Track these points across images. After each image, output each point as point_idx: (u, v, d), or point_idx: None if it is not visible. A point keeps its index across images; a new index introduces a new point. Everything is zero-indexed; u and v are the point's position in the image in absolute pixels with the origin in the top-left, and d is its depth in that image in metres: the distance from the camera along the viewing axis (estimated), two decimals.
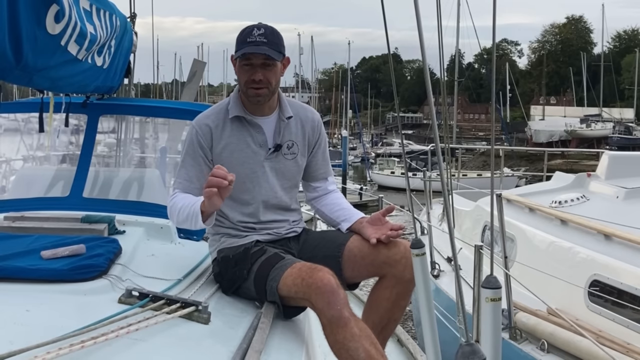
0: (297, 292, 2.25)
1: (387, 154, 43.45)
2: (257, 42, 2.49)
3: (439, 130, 2.11)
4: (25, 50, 2.21)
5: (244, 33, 2.53)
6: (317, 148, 2.78)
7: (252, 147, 2.61)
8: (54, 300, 2.03)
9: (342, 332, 2.12)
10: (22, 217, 2.98)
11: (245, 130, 2.61)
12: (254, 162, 2.61)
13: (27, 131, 6.05)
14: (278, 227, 2.68)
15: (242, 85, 2.57)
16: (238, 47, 2.53)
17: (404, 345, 3.91)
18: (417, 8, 1.63)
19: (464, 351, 1.60)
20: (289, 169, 2.70)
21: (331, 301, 2.14)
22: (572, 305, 4.43)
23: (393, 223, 2.58)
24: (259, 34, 2.50)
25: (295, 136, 2.69)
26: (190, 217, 2.43)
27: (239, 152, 2.59)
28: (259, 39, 2.49)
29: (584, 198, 5.86)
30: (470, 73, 74.18)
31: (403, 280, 2.45)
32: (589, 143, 44.05)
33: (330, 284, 2.17)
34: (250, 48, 2.49)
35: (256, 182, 2.62)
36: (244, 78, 2.55)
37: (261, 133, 2.62)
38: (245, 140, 2.60)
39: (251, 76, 2.53)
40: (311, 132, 2.75)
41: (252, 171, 2.61)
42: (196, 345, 1.96)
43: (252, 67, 2.52)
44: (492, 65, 2.12)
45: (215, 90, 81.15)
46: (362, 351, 2.11)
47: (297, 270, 2.30)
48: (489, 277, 1.77)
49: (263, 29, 2.52)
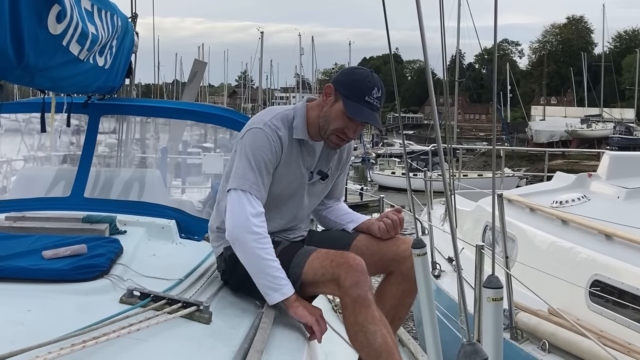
0: (325, 274, 2.26)
1: (387, 154, 43.36)
2: (374, 107, 2.40)
3: (440, 131, 2.11)
4: (27, 50, 2.21)
5: (364, 86, 2.40)
6: (342, 170, 2.79)
7: (301, 169, 2.55)
8: (55, 300, 2.03)
9: (364, 312, 2.17)
10: (24, 217, 2.98)
11: (300, 152, 2.54)
12: (299, 184, 2.57)
13: (28, 131, 6.06)
14: (293, 236, 2.67)
15: (329, 127, 2.45)
16: (354, 98, 2.39)
17: (405, 345, 3.91)
18: (419, 9, 1.63)
19: (466, 351, 1.60)
20: (321, 190, 2.70)
21: (361, 280, 2.19)
22: (573, 305, 4.43)
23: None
24: (377, 97, 2.40)
25: (333, 162, 2.68)
26: (272, 280, 2.29)
27: (291, 171, 2.52)
28: (376, 103, 2.40)
29: (585, 198, 5.86)
30: (471, 73, 74.08)
31: (410, 277, 2.44)
32: (590, 143, 44.03)
33: (362, 264, 2.23)
34: (369, 115, 2.39)
35: (293, 201, 2.60)
36: (338, 125, 2.43)
37: (312, 157, 2.58)
38: (298, 161, 2.53)
39: (346, 129, 2.44)
40: (345, 157, 2.75)
41: (294, 191, 2.57)
42: (197, 345, 1.96)
43: (353, 123, 2.43)
44: (494, 65, 2.12)
45: (216, 91, 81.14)
46: (380, 336, 2.16)
47: (324, 254, 2.32)
48: (490, 276, 1.77)
49: (381, 91, 2.42)
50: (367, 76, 2.43)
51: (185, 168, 7.94)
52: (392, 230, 2.56)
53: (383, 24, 1.92)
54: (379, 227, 2.57)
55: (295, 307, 2.28)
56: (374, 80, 2.43)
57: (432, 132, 44.09)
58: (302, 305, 2.29)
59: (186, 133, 8.01)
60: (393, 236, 2.58)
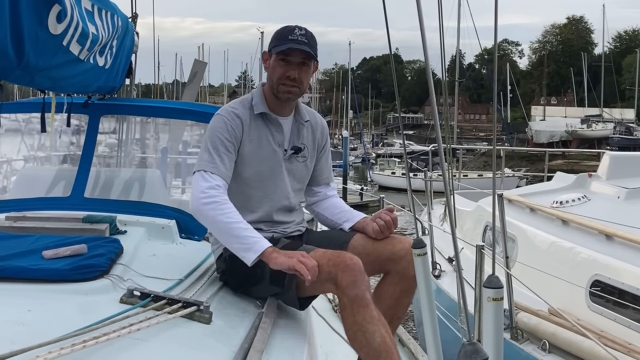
0: (322, 274, 2.26)
1: (387, 154, 43.42)
2: (299, 40, 2.50)
3: (441, 131, 2.11)
4: (27, 50, 2.21)
5: (285, 30, 2.54)
6: (322, 153, 2.82)
7: (272, 146, 2.61)
8: (55, 300, 2.03)
9: (362, 312, 2.16)
10: (24, 217, 2.98)
11: (267, 128, 2.61)
12: (274, 161, 2.62)
13: (28, 131, 6.06)
14: (284, 227, 2.69)
15: (275, 81, 2.56)
16: (278, 42, 2.53)
17: (405, 345, 3.92)
18: (420, 9, 1.63)
19: (467, 350, 1.60)
20: (300, 171, 2.72)
21: (357, 280, 2.19)
22: (573, 305, 4.43)
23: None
24: (301, 33, 2.52)
25: (307, 140, 2.72)
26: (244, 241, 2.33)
27: (261, 149, 2.59)
28: (300, 38, 2.51)
29: (585, 198, 5.86)
30: (471, 73, 74.08)
31: (407, 276, 2.45)
32: (590, 143, 44.04)
33: (359, 264, 2.23)
34: (293, 44, 2.50)
35: (273, 181, 2.63)
36: (279, 73, 2.54)
37: (280, 132, 2.63)
38: (267, 138, 2.61)
39: (286, 72, 2.53)
40: (320, 137, 2.80)
41: (270, 170, 2.61)
42: (198, 345, 1.96)
43: (289, 64, 2.53)
44: (494, 65, 2.12)
45: (216, 91, 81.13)
46: (378, 335, 2.15)
47: (321, 253, 2.32)
48: (490, 276, 1.77)
49: (304, 30, 2.55)
50: (288, 25, 2.57)
51: (185, 168, 7.93)
52: (385, 231, 2.57)
53: (383, 24, 1.92)
54: (373, 228, 2.58)
55: (274, 259, 2.29)
56: (296, 25, 2.55)
57: (432, 132, 44.11)
58: (280, 254, 2.30)
59: (186, 133, 7.99)
60: (387, 236, 2.58)
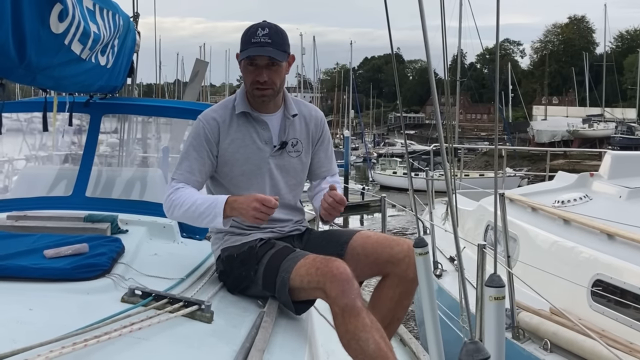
0: (311, 282, 2.25)
1: (389, 154, 43.35)
2: (262, 42, 2.47)
3: (442, 131, 2.11)
4: (29, 49, 2.21)
5: (249, 33, 2.50)
6: (319, 145, 2.78)
7: (257, 144, 2.61)
8: (56, 299, 2.03)
9: (354, 321, 2.14)
10: (25, 216, 2.98)
11: (251, 126, 2.61)
12: (259, 158, 2.61)
13: (30, 131, 6.06)
14: (282, 226, 2.68)
15: (248, 86, 2.57)
16: (243, 47, 2.51)
17: (407, 345, 3.90)
18: (422, 9, 1.63)
19: (468, 349, 1.60)
20: (294, 166, 2.69)
21: (346, 289, 2.16)
22: (575, 304, 4.43)
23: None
24: (264, 34, 2.48)
25: (300, 134, 2.70)
26: (206, 215, 2.43)
27: (245, 148, 2.59)
28: (263, 39, 2.47)
29: (587, 198, 5.86)
30: (473, 73, 74.04)
31: (406, 279, 2.44)
32: (591, 143, 43.98)
33: (346, 272, 2.20)
34: (254, 50, 2.47)
35: (260, 178, 2.62)
36: (249, 79, 2.54)
37: (267, 130, 2.62)
38: (251, 136, 2.60)
39: (256, 77, 2.52)
40: (315, 130, 2.76)
41: (257, 167, 2.61)
42: (199, 344, 1.96)
43: (257, 68, 2.51)
44: (496, 65, 2.11)
45: (218, 90, 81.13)
46: (372, 342, 2.13)
47: (311, 261, 2.31)
48: (492, 275, 1.77)
49: (267, 28, 2.50)
50: (253, 25, 2.54)
51: None
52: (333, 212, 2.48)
53: (384, 23, 1.92)
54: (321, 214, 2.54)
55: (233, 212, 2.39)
56: (260, 24, 2.52)
57: (433, 132, 44.05)
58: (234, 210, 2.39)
59: (187, 133, 7.99)
60: (336, 216, 2.53)
